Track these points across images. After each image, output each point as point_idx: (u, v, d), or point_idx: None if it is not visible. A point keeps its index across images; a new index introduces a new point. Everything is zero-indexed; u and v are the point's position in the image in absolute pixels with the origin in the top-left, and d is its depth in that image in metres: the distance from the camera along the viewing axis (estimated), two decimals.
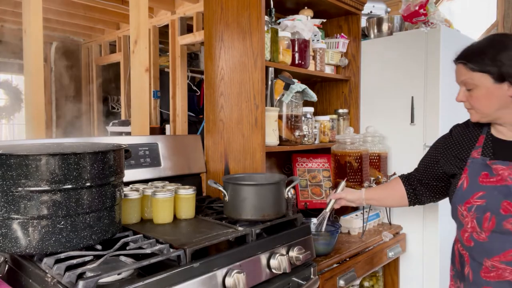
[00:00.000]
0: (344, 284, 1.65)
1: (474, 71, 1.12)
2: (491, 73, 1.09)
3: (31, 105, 2.04)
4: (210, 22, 1.91)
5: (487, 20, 4.58)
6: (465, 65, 1.15)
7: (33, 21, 2.05)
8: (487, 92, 1.11)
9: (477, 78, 1.12)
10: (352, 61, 2.34)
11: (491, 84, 1.10)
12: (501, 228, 1.12)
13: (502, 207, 1.11)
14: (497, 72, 1.08)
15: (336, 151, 2.03)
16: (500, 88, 1.09)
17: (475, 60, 1.12)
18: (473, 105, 1.16)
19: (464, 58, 1.15)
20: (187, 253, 1.08)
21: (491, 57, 1.09)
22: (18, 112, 5.15)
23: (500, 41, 1.11)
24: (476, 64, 1.11)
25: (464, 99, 1.18)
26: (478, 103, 1.14)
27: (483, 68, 1.10)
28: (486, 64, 1.09)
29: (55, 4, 3.99)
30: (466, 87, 1.17)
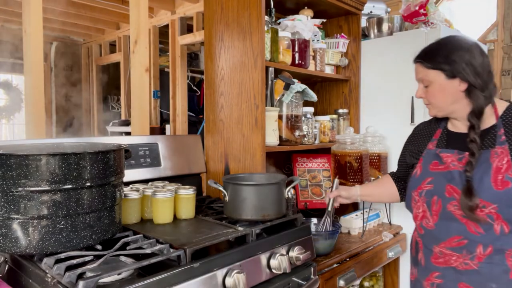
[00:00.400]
0: (344, 284, 1.65)
1: (429, 68, 1.22)
2: (444, 70, 1.19)
3: (31, 105, 2.04)
4: (210, 22, 1.91)
5: (487, 20, 4.58)
6: (421, 63, 1.25)
7: (33, 21, 2.05)
8: (441, 88, 1.21)
9: (432, 75, 1.22)
10: (352, 61, 2.34)
11: (444, 80, 1.20)
12: (445, 211, 1.21)
13: (446, 190, 1.21)
14: (449, 69, 1.18)
15: (336, 151, 2.03)
16: (452, 83, 1.19)
17: (430, 59, 1.22)
18: (430, 100, 1.27)
19: (420, 58, 1.26)
20: (187, 253, 1.08)
21: (444, 56, 1.19)
22: (18, 112, 5.15)
23: (452, 42, 1.23)
24: (431, 62, 1.22)
25: (423, 95, 1.28)
26: (434, 98, 1.25)
27: (436, 66, 1.20)
28: (439, 62, 1.20)
29: (55, 4, 3.99)
30: (423, 84, 1.27)
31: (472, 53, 1.18)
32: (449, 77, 1.19)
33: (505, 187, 1.11)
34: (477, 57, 1.18)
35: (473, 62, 1.17)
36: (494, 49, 4.49)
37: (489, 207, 1.12)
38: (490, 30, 4.54)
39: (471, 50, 1.18)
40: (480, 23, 4.60)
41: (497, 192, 1.11)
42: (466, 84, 1.18)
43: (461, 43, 1.21)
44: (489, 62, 1.21)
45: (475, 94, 1.18)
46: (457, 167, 1.21)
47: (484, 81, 1.18)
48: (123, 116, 5.08)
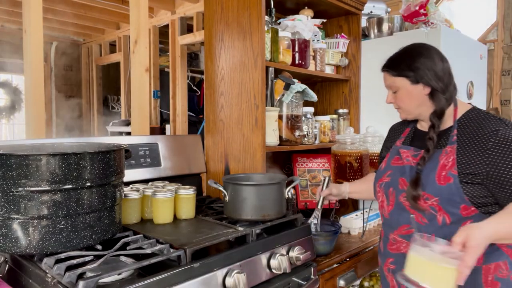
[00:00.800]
0: (344, 284, 1.65)
1: (395, 76, 1.32)
2: (408, 76, 1.29)
3: (31, 105, 2.04)
4: (210, 22, 1.91)
5: (487, 20, 4.58)
6: (388, 72, 1.35)
7: (33, 21, 2.05)
8: (407, 93, 1.31)
9: (398, 82, 1.32)
10: (352, 61, 2.34)
11: (409, 85, 1.30)
12: (398, 202, 1.33)
13: (399, 182, 1.33)
14: (413, 76, 1.28)
15: (336, 151, 2.03)
16: (417, 88, 1.29)
17: (395, 67, 1.32)
18: (399, 104, 1.36)
19: (386, 66, 1.36)
20: (187, 253, 1.08)
21: (407, 64, 1.29)
22: (18, 112, 5.15)
23: (414, 49, 1.32)
24: (396, 70, 1.31)
25: (392, 101, 1.38)
26: (402, 103, 1.34)
27: (401, 73, 1.30)
28: (403, 69, 1.29)
29: (55, 4, 3.99)
30: (391, 91, 1.37)
31: (433, 59, 1.28)
32: (414, 83, 1.29)
33: (447, 182, 1.20)
34: (438, 63, 1.28)
35: (434, 67, 1.27)
36: (494, 49, 4.49)
37: (432, 199, 1.23)
38: (490, 30, 4.54)
39: (431, 56, 1.29)
40: (480, 23, 4.60)
41: (439, 186, 1.21)
42: (429, 88, 1.28)
43: (423, 50, 1.30)
44: (449, 66, 1.31)
45: (437, 97, 1.28)
46: (410, 162, 1.32)
47: (445, 84, 1.28)
48: (123, 116, 5.08)
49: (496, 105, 4.55)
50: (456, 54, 2.24)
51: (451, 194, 1.20)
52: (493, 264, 1.20)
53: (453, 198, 1.20)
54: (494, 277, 1.19)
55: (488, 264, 1.20)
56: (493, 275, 1.19)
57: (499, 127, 1.18)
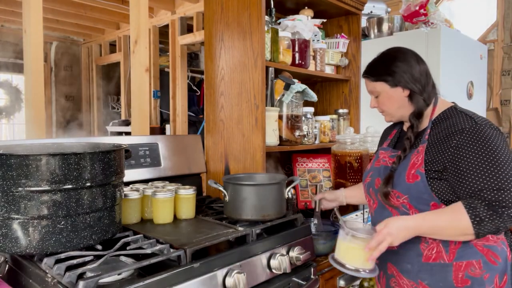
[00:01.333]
0: (344, 284, 1.65)
1: (375, 81, 1.36)
2: (386, 80, 1.32)
3: (31, 105, 2.04)
4: (210, 22, 1.91)
5: (487, 20, 4.58)
6: (367, 78, 1.39)
7: (33, 21, 2.05)
8: (388, 96, 1.34)
9: (378, 86, 1.35)
10: (352, 61, 2.34)
11: (389, 89, 1.33)
12: (379, 200, 1.36)
13: (376, 182, 1.37)
14: (391, 80, 1.32)
15: (336, 151, 2.03)
16: (396, 91, 1.32)
17: (373, 73, 1.36)
18: (381, 108, 1.40)
19: (366, 73, 1.39)
20: (187, 253, 1.08)
21: (385, 69, 1.33)
22: (18, 112, 5.15)
23: (390, 54, 1.36)
24: (375, 76, 1.36)
25: (376, 105, 1.41)
26: (384, 106, 1.38)
27: (380, 78, 1.34)
28: (381, 74, 1.33)
29: (55, 4, 3.99)
30: (373, 95, 1.40)
31: (409, 62, 1.32)
32: (392, 86, 1.32)
33: (415, 180, 1.24)
34: (414, 65, 1.31)
35: (410, 70, 1.30)
36: (494, 49, 4.49)
37: (402, 197, 1.27)
38: (490, 30, 4.54)
39: (407, 59, 1.32)
40: (480, 23, 4.60)
41: (408, 185, 1.25)
42: (408, 91, 1.31)
43: (398, 54, 1.34)
44: (426, 67, 1.34)
45: (416, 98, 1.31)
46: (386, 163, 1.38)
47: (422, 85, 1.31)
48: (123, 116, 5.08)
49: (496, 105, 4.55)
50: (456, 54, 2.25)
51: (419, 192, 1.23)
52: (465, 262, 1.20)
53: (422, 196, 1.23)
54: (464, 274, 1.20)
55: (459, 262, 1.21)
56: (464, 272, 1.20)
57: (467, 125, 1.20)
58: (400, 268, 1.31)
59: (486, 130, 1.18)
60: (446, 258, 1.22)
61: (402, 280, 1.31)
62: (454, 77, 2.25)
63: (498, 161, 1.13)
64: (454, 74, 2.24)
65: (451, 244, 1.21)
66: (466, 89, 2.43)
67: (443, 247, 1.22)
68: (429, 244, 1.24)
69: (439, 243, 1.23)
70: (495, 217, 1.11)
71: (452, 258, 1.21)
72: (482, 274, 1.20)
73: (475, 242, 1.20)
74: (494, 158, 1.14)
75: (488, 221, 1.11)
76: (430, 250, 1.24)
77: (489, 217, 1.11)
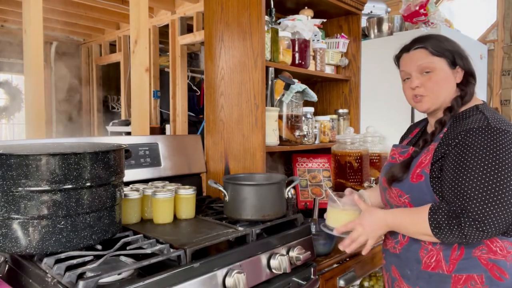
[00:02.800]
0: (344, 284, 1.65)
1: (434, 55, 1.21)
2: (448, 57, 1.21)
3: (31, 105, 2.04)
4: (210, 22, 1.90)
5: (487, 20, 4.58)
6: (426, 49, 1.22)
7: (33, 21, 2.05)
8: (445, 75, 1.21)
9: (437, 62, 1.21)
10: (352, 61, 2.34)
11: (448, 68, 1.21)
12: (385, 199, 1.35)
13: (382, 181, 1.34)
14: (451, 58, 1.21)
15: (336, 151, 2.03)
16: (454, 73, 1.22)
17: (435, 45, 1.22)
18: (430, 88, 1.22)
19: (424, 43, 1.23)
20: (187, 253, 1.08)
21: (446, 45, 1.22)
22: (18, 112, 5.15)
23: (446, 36, 1.28)
24: (436, 49, 1.21)
25: (421, 84, 1.23)
26: (437, 86, 1.21)
27: (442, 53, 1.21)
28: (444, 50, 1.21)
29: (55, 4, 3.99)
30: (424, 71, 1.22)
31: (462, 48, 1.25)
32: (451, 66, 1.21)
33: (418, 180, 1.18)
34: (466, 52, 1.25)
35: (465, 54, 1.23)
36: (494, 49, 4.49)
37: (404, 196, 1.23)
38: (490, 30, 4.54)
39: (460, 46, 1.25)
40: (480, 23, 4.60)
41: (411, 184, 1.20)
42: (462, 75, 1.22)
43: (452, 39, 1.27)
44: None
45: (470, 84, 1.22)
46: (395, 160, 1.32)
47: (474, 73, 1.24)
48: (123, 116, 5.08)
49: (496, 105, 4.55)
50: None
51: (421, 193, 1.18)
52: (465, 275, 1.13)
53: (423, 197, 1.17)
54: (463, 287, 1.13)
55: (458, 274, 1.14)
56: (463, 286, 1.13)
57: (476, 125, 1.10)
58: (401, 273, 1.27)
59: (492, 133, 1.07)
60: (445, 269, 1.15)
61: (402, 285, 1.27)
62: None
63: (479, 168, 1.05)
64: None
65: (452, 254, 1.14)
66: None
67: (443, 256, 1.16)
68: (429, 251, 1.18)
69: (439, 251, 1.16)
70: (454, 225, 1.05)
71: (452, 270, 1.14)
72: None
73: (479, 255, 1.12)
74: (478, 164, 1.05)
75: (446, 228, 1.06)
76: (430, 257, 1.18)
77: (447, 224, 1.06)
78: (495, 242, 1.12)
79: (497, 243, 1.12)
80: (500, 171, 1.04)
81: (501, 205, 1.02)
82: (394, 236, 1.29)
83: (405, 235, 1.23)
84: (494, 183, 1.03)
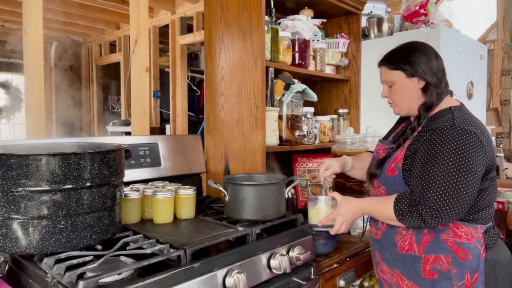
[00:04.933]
0: (344, 284, 1.65)
1: (392, 69, 1.37)
2: (404, 70, 1.34)
3: (31, 105, 2.04)
4: (210, 22, 1.91)
5: (487, 20, 4.58)
6: (385, 65, 1.40)
7: (33, 21, 2.05)
8: (402, 86, 1.36)
9: (394, 75, 1.37)
10: (352, 61, 2.34)
11: (405, 79, 1.35)
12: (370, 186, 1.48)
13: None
14: (409, 69, 1.33)
15: (336, 151, 2.02)
16: (412, 81, 1.34)
17: (392, 61, 1.38)
18: (393, 98, 1.40)
19: (384, 61, 1.41)
20: (187, 253, 1.08)
21: (404, 58, 1.34)
22: (18, 112, 5.15)
23: (411, 46, 1.38)
24: (393, 64, 1.37)
25: (387, 95, 1.42)
26: (396, 96, 1.38)
27: (397, 67, 1.35)
28: (400, 63, 1.35)
29: (55, 4, 3.99)
30: (387, 85, 1.41)
31: (428, 55, 1.34)
32: (409, 76, 1.34)
33: (393, 173, 1.33)
34: (433, 59, 1.33)
35: (429, 63, 1.33)
36: (494, 49, 4.49)
37: (381, 187, 1.38)
38: (490, 30, 4.54)
39: (427, 52, 1.34)
40: (480, 23, 4.60)
41: (387, 177, 1.35)
42: (423, 82, 1.33)
43: (419, 46, 1.36)
44: (443, 64, 1.36)
45: (430, 90, 1.33)
46: (379, 155, 1.44)
47: (438, 79, 1.33)
48: (123, 116, 5.08)
49: (496, 105, 4.55)
50: (456, 54, 2.25)
51: (395, 185, 1.32)
52: (433, 256, 1.27)
53: (397, 189, 1.31)
54: (432, 267, 1.27)
55: (427, 255, 1.28)
56: (432, 265, 1.27)
57: (442, 125, 1.24)
58: (382, 256, 1.42)
59: (455, 132, 1.20)
60: (417, 251, 1.30)
61: (383, 268, 1.42)
62: (454, 77, 2.24)
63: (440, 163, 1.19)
64: (454, 74, 2.23)
65: (422, 238, 1.29)
66: (466, 89, 2.43)
67: (415, 240, 1.30)
68: (403, 236, 1.33)
69: (412, 235, 1.31)
70: (413, 212, 1.21)
71: (422, 251, 1.29)
72: (450, 268, 1.25)
73: (446, 238, 1.26)
74: (439, 160, 1.19)
75: (408, 214, 1.22)
76: (404, 241, 1.33)
77: (408, 211, 1.22)
78: (460, 228, 1.26)
79: (462, 228, 1.26)
80: (458, 167, 1.18)
81: (455, 197, 1.17)
82: (375, 223, 1.44)
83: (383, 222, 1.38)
84: (451, 177, 1.17)
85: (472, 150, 1.18)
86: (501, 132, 3.93)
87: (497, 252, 1.31)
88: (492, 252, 1.29)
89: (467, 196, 1.17)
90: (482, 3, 4.62)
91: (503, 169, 3.48)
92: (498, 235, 1.36)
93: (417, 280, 1.30)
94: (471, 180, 1.17)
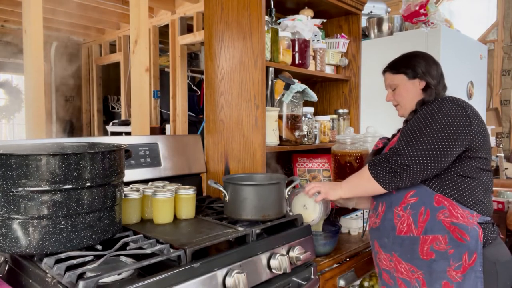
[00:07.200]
0: (344, 284, 1.65)
1: (395, 74, 1.53)
2: (406, 73, 1.50)
3: (31, 105, 2.04)
4: (210, 22, 1.91)
5: (487, 20, 4.58)
6: (389, 71, 1.56)
7: (33, 21, 2.05)
8: (405, 88, 1.50)
9: (397, 79, 1.52)
10: (352, 61, 2.34)
11: (407, 81, 1.50)
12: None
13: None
14: (410, 72, 1.49)
15: (337, 151, 2.02)
16: (413, 83, 1.49)
17: (395, 67, 1.54)
18: (397, 100, 1.54)
19: (388, 67, 1.57)
20: (187, 253, 1.08)
21: (405, 63, 1.51)
22: (18, 112, 5.15)
23: (412, 53, 1.54)
24: (396, 69, 1.53)
25: (392, 98, 1.56)
26: (400, 97, 1.52)
27: (400, 71, 1.51)
28: (402, 68, 1.51)
29: (56, 4, 3.99)
30: (391, 88, 1.56)
31: (427, 60, 1.49)
32: (410, 78, 1.49)
33: None
34: (431, 64, 1.49)
35: (428, 67, 1.48)
36: (494, 49, 4.49)
37: None
38: (490, 30, 4.54)
39: (426, 58, 1.50)
40: (480, 23, 4.60)
41: None
42: (424, 83, 1.47)
43: (419, 54, 1.53)
44: (441, 68, 1.51)
45: (429, 90, 1.46)
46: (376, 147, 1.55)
47: (437, 81, 1.47)
48: (123, 116, 5.08)
49: (496, 105, 4.55)
50: (456, 54, 2.25)
51: None
52: (431, 236, 1.32)
53: None
54: (430, 247, 1.31)
55: (425, 236, 1.32)
56: (429, 245, 1.32)
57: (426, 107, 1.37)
58: (380, 243, 1.46)
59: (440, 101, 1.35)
60: (415, 232, 1.35)
61: (382, 255, 1.46)
62: (454, 77, 2.25)
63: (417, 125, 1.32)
64: (454, 74, 2.24)
65: (419, 218, 1.34)
66: (466, 89, 2.43)
67: (413, 220, 1.35)
68: (401, 217, 1.38)
69: (409, 216, 1.36)
70: (386, 167, 1.31)
71: (421, 232, 1.33)
72: (447, 249, 1.29)
73: (442, 218, 1.31)
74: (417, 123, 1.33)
75: (382, 171, 1.32)
76: (402, 223, 1.38)
77: (381, 167, 1.32)
78: (456, 209, 1.30)
79: (458, 210, 1.30)
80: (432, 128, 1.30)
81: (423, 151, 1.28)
82: (375, 210, 1.49)
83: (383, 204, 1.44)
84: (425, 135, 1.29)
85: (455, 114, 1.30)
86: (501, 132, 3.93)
87: (497, 250, 1.33)
88: (492, 250, 1.31)
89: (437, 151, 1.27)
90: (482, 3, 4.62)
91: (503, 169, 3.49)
92: (498, 233, 1.38)
93: (414, 262, 1.34)
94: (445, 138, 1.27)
